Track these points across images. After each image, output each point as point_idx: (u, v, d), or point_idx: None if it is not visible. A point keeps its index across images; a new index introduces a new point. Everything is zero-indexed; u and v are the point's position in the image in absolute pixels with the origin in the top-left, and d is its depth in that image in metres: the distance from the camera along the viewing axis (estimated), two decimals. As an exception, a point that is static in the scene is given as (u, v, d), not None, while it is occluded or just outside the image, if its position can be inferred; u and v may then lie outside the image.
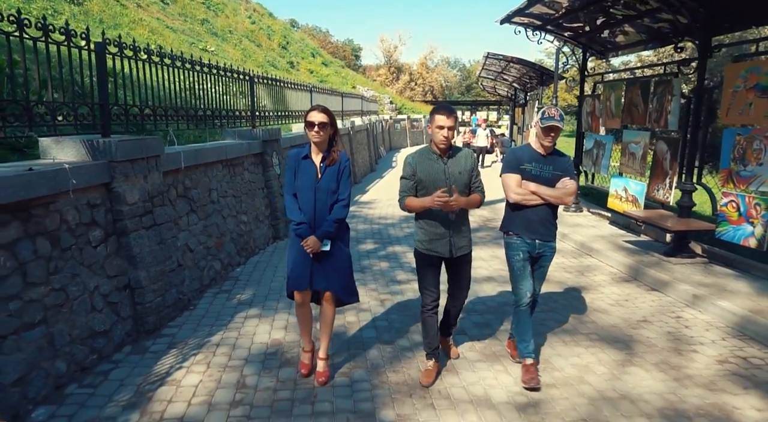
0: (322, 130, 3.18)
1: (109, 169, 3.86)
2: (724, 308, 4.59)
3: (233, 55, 20.96)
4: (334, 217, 3.23)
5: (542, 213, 3.44)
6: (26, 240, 3.14)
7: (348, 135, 14.57)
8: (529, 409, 3.14)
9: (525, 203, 3.42)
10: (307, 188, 3.23)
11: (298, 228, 3.22)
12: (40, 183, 3.20)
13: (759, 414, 3.09)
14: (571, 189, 3.42)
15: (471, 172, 3.33)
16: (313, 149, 3.28)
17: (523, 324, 3.50)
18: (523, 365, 3.47)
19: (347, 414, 3.07)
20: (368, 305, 4.87)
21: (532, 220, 3.44)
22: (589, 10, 7.19)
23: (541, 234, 3.47)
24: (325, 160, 3.25)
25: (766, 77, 4.97)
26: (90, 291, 3.62)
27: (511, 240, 3.53)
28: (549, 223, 3.49)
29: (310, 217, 3.23)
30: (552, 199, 3.40)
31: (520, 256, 3.48)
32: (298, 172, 3.27)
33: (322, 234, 3.19)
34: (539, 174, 3.43)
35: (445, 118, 3.13)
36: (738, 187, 5.36)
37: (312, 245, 3.17)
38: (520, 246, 3.48)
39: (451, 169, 3.25)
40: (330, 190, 3.23)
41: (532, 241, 3.47)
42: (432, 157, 3.28)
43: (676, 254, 6.08)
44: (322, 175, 3.24)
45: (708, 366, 3.71)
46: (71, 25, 8.49)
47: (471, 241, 3.45)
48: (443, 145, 3.21)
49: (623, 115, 7.54)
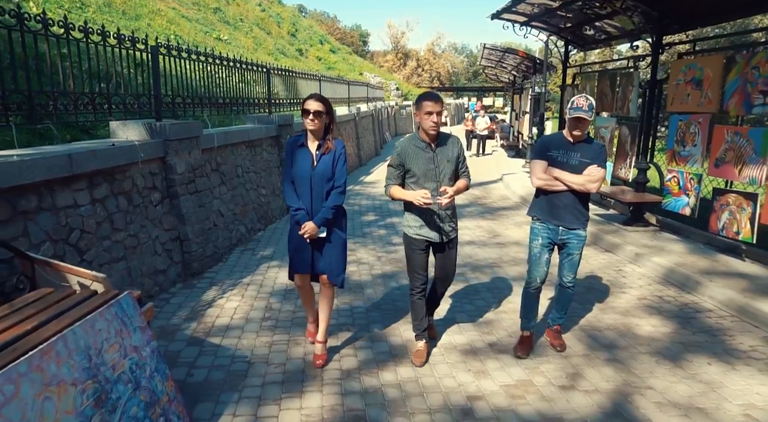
0: (317, 118, 3.19)
1: (164, 146, 4.96)
2: (656, 263, 5.64)
3: (245, 43, 21.84)
4: (331, 204, 3.26)
5: (567, 200, 3.41)
6: (112, 197, 4.25)
7: (354, 120, 15.57)
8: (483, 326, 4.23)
9: (548, 188, 3.43)
10: (303, 175, 3.26)
11: (296, 214, 3.27)
12: (120, 155, 4.30)
13: (652, 328, 4.16)
14: (595, 176, 3.33)
15: (458, 158, 3.37)
16: (309, 137, 3.30)
17: (529, 304, 3.67)
18: (521, 336, 3.74)
19: (348, 326, 4.17)
20: (367, 260, 5.96)
21: (556, 206, 3.45)
22: (567, 9, 8.12)
23: (565, 220, 3.45)
24: (321, 148, 3.27)
25: (700, 72, 5.95)
26: (153, 239, 4.74)
27: (534, 225, 3.59)
28: (576, 210, 3.44)
29: (307, 204, 3.27)
30: (575, 185, 3.35)
31: (539, 242, 3.53)
32: (295, 160, 3.29)
33: (320, 220, 3.24)
34: (566, 161, 3.40)
35: (432, 104, 3.13)
36: (679, 165, 6.37)
37: (310, 231, 3.21)
38: (540, 232, 3.53)
39: (440, 157, 3.28)
40: (326, 176, 3.25)
41: (555, 228, 3.48)
42: (421, 145, 3.28)
43: (632, 223, 7.11)
44: (318, 162, 3.26)
45: (629, 301, 4.77)
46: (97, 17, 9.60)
47: (457, 226, 3.52)
48: (433, 131, 3.20)
49: (596, 103, 8.50)
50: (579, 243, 3.52)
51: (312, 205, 3.27)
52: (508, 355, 3.68)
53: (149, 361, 2.55)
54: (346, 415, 2.94)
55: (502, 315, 4.39)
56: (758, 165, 5.15)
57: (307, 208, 3.27)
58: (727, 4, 5.84)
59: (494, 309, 4.55)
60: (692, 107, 6.11)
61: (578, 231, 3.49)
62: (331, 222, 3.32)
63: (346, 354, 3.68)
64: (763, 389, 3.25)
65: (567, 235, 3.49)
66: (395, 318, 4.32)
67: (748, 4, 5.62)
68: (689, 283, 5.06)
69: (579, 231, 3.49)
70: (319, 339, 3.55)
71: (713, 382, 3.34)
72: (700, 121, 6.01)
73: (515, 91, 20.37)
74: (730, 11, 6.02)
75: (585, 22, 8.53)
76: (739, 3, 5.72)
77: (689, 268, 5.30)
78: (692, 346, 3.85)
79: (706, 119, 5.94)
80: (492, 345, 3.85)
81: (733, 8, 5.91)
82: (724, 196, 5.57)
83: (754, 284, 4.78)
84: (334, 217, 3.30)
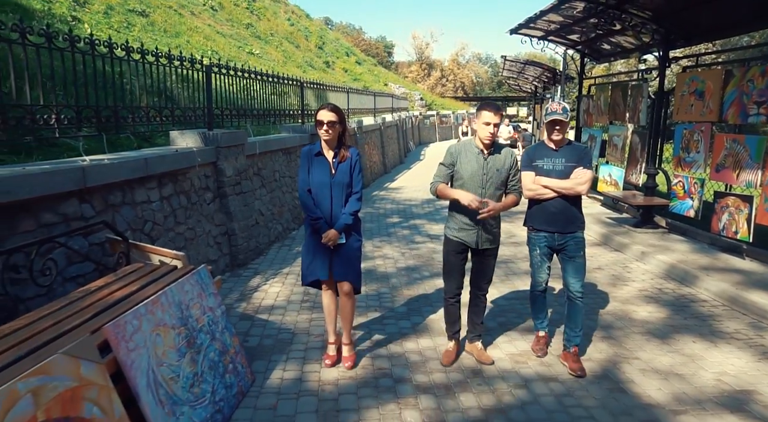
0: (331, 129, 3.28)
1: (216, 152, 5.69)
2: (660, 260, 6.09)
3: (275, 57, 22.83)
4: (351, 210, 3.37)
5: (559, 206, 3.48)
6: (175, 195, 4.98)
7: (380, 130, 16.28)
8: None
9: (539, 198, 3.53)
10: (323, 184, 3.33)
11: (316, 223, 3.35)
12: (182, 160, 5.03)
13: (647, 314, 4.65)
14: (582, 178, 3.43)
15: (510, 169, 3.43)
16: (324, 146, 3.38)
17: (537, 304, 3.83)
18: (536, 335, 3.89)
19: (376, 307, 4.78)
20: (392, 255, 6.58)
21: (550, 213, 3.51)
22: (581, 25, 8.65)
23: (560, 226, 3.52)
24: (337, 156, 3.37)
25: (702, 84, 6.42)
26: (207, 233, 5.46)
27: (530, 235, 3.69)
28: (569, 215, 3.51)
29: (327, 211, 3.35)
30: (564, 190, 3.43)
31: (537, 251, 3.64)
32: (312, 169, 3.36)
33: (341, 226, 3.33)
34: (552, 168, 3.48)
35: (492, 115, 3.26)
36: (684, 170, 6.81)
37: (332, 238, 3.31)
38: (538, 242, 3.62)
39: (491, 164, 3.37)
40: (344, 184, 3.35)
41: (551, 234, 3.55)
42: (474, 150, 3.39)
43: (642, 226, 7.55)
44: (336, 170, 3.35)
45: (630, 292, 5.26)
46: (143, 35, 10.52)
47: (499, 237, 3.56)
48: (488, 141, 3.32)
49: (609, 112, 8.99)
50: (578, 245, 3.54)
51: (332, 211, 3.36)
52: (516, 332, 4.24)
53: (220, 320, 3.22)
54: (375, 372, 3.55)
55: (512, 302, 4.94)
56: (754, 169, 5.59)
57: (327, 215, 3.35)
58: (724, 22, 6.32)
59: (505, 295, 5.10)
60: (695, 116, 6.57)
61: (575, 234, 3.54)
62: (350, 228, 3.41)
63: (375, 328, 4.30)
64: (737, 361, 3.73)
65: (564, 240, 3.54)
66: (417, 301, 4.92)
67: (742, 23, 6.10)
68: (688, 278, 5.52)
69: (576, 234, 3.54)
70: (345, 340, 3.65)
71: (694, 355, 3.83)
72: (703, 129, 6.46)
73: (536, 101, 20.81)
74: (727, 28, 6.52)
75: (599, 37, 9.04)
76: (734, 21, 6.20)
77: (690, 265, 5.75)
78: (681, 328, 4.33)
79: (708, 128, 6.40)
80: (501, 324, 4.41)
81: (729, 26, 6.41)
82: (724, 199, 6.00)
83: (748, 278, 5.21)
84: (353, 223, 3.41)
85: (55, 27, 7.72)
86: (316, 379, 3.46)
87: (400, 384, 3.39)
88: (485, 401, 3.21)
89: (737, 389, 3.35)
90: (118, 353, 2.29)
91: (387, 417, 3.03)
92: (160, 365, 2.53)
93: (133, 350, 2.39)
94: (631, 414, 3.07)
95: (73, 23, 9.72)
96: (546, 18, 8.74)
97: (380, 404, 3.17)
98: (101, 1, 12.88)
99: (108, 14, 12.78)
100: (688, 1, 6.28)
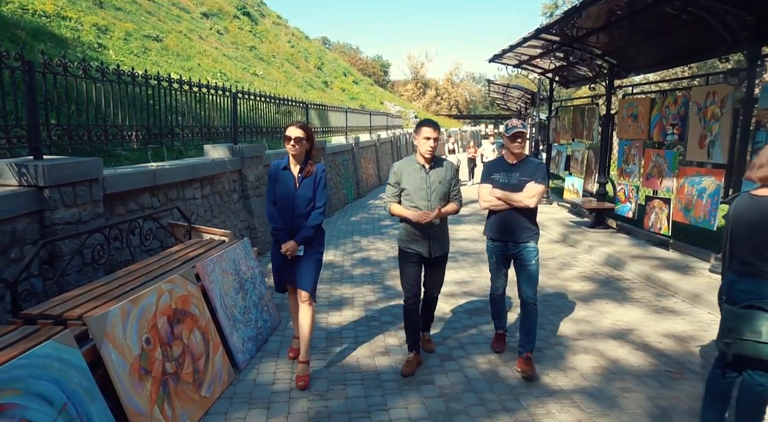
0: (298, 144, 3.38)
1: (242, 161, 7.07)
2: (602, 251, 7.47)
3: (277, 77, 24.34)
4: (312, 223, 3.46)
5: (512, 217, 3.68)
6: (212, 194, 6.34)
7: (375, 146, 17.74)
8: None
9: (494, 209, 3.74)
10: (286, 197, 3.44)
11: (278, 234, 3.51)
12: (217, 167, 6.40)
13: (579, 287, 6.00)
14: (531, 192, 3.61)
15: (450, 181, 3.63)
16: (291, 161, 3.48)
17: (496, 308, 4.15)
18: (496, 333, 4.23)
19: (370, 282, 6.10)
20: (383, 248, 7.91)
21: (504, 224, 3.73)
22: (544, 58, 10.16)
23: (512, 236, 3.72)
24: (303, 171, 3.45)
25: (635, 108, 7.88)
26: (234, 226, 6.80)
27: (487, 243, 3.94)
28: (522, 226, 3.70)
29: (289, 223, 3.47)
30: (514, 202, 3.63)
31: (494, 259, 3.91)
32: (277, 183, 3.47)
33: (300, 239, 3.44)
34: (507, 181, 3.69)
35: (431, 131, 3.49)
36: (625, 179, 8.24)
37: (291, 249, 3.42)
38: (494, 249, 3.87)
39: (432, 178, 3.56)
40: (307, 198, 3.43)
41: (504, 243, 3.78)
42: (416, 166, 3.58)
43: (595, 226, 8.95)
44: (300, 184, 3.44)
45: (572, 274, 6.61)
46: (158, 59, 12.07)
47: (448, 244, 3.81)
48: (429, 155, 3.51)
49: (572, 131, 10.45)
50: (530, 254, 3.72)
51: (294, 223, 3.46)
52: (476, 297, 5.57)
53: (258, 276, 4.56)
54: (370, 324, 4.88)
55: (477, 280, 6.29)
56: (671, 178, 7.01)
57: (289, 227, 3.47)
58: (654, 60, 7.84)
59: (472, 274, 6.45)
60: (632, 135, 8.02)
61: (527, 244, 3.72)
62: (311, 240, 3.52)
63: (368, 293, 5.63)
64: (633, 314, 5.08)
65: (517, 249, 3.74)
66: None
67: (667, 60, 7.60)
68: (619, 264, 6.89)
69: (528, 244, 3.72)
70: (302, 358, 3.61)
71: (603, 311, 5.18)
72: (637, 145, 7.91)
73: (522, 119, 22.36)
74: (657, 64, 8.02)
75: (563, 67, 10.55)
76: (662, 59, 7.72)
77: (623, 255, 7.13)
78: (602, 295, 5.69)
79: (641, 144, 7.84)
80: (467, 293, 5.75)
81: (658, 62, 7.94)
82: (652, 202, 7.40)
83: (664, 263, 6.59)
84: (313, 235, 3.51)
85: (85, 53, 9.15)
86: (325, 322, 4.79)
87: (386, 325, 4.73)
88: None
89: (624, 329, 4.70)
90: (204, 281, 3.63)
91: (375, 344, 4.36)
92: (226, 295, 3.87)
93: (212, 282, 3.73)
94: (545, 340, 4.41)
95: (99, 49, 11.14)
96: (516, 50, 10.26)
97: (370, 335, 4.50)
98: (120, 29, 14.28)
99: (127, 40, 14.17)
100: (626, 42, 7.77)
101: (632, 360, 4.06)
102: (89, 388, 2.34)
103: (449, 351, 4.19)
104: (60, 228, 3.73)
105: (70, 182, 3.85)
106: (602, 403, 3.39)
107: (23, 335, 2.45)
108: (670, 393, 3.53)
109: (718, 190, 6.06)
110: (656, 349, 4.26)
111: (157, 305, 3.02)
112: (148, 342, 2.85)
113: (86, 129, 4.45)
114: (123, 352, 2.63)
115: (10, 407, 1.94)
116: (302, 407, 3.30)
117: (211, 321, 3.54)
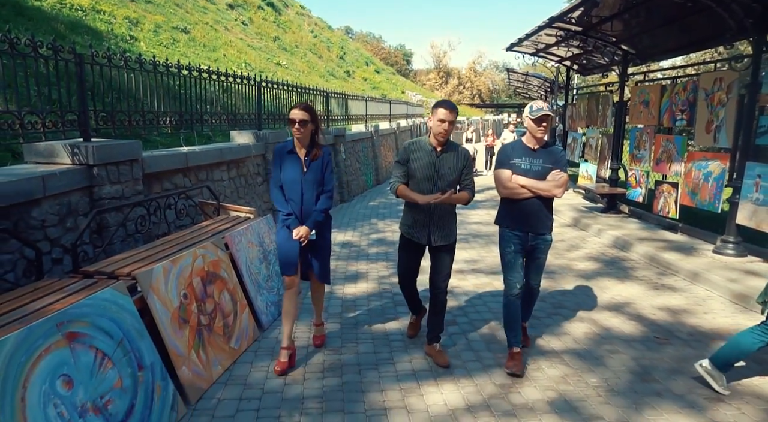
0: (302, 127, 3.28)
1: (265, 146, 7.52)
2: (611, 234, 7.70)
3: (300, 67, 24.78)
4: (322, 207, 3.40)
5: (534, 206, 3.44)
6: (238, 177, 6.81)
7: (394, 134, 18.07)
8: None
9: (514, 197, 3.46)
10: (294, 181, 3.34)
11: (287, 220, 3.37)
12: (243, 151, 6.86)
13: (584, 266, 6.28)
14: (560, 181, 3.39)
15: (462, 169, 3.43)
16: (296, 144, 3.39)
17: (513, 313, 3.56)
18: (510, 352, 3.56)
19: (384, 260, 6.50)
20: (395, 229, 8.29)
21: (523, 213, 3.46)
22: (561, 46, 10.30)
23: (533, 226, 3.48)
24: (309, 155, 3.37)
25: (647, 95, 8.03)
26: (258, 207, 7.27)
27: (504, 232, 3.58)
28: (542, 216, 3.48)
29: (297, 208, 3.36)
30: (541, 191, 3.39)
31: (512, 248, 3.53)
32: (284, 166, 3.37)
33: (312, 223, 3.35)
34: (529, 168, 3.43)
35: (447, 113, 3.27)
36: (636, 165, 8.41)
37: (304, 234, 3.33)
38: (511, 239, 3.52)
39: (442, 163, 3.37)
40: (316, 181, 3.36)
41: (524, 234, 3.50)
42: (427, 148, 3.40)
43: (607, 211, 9.16)
44: (308, 168, 3.35)
45: (579, 255, 6.89)
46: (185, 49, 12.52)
47: (454, 234, 3.57)
48: (442, 138, 3.33)
49: (587, 118, 10.61)
50: (546, 246, 3.57)
51: (302, 208, 3.37)
52: (483, 274, 5.91)
53: (280, 249, 4.99)
54: (383, 294, 5.28)
55: (486, 258, 6.62)
56: (679, 162, 7.19)
57: (297, 212, 3.37)
58: (668, 46, 7.97)
59: (482, 253, 6.79)
60: (644, 121, 8.18)
61: (545, 236, 3.54)
62: (321, 225, 3.46)
63: (382, 269, 6.03)
64: (632, 290, 5.36)
65: (536, 240, 3.52)
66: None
67: (676, 49, 7.73)
68: (626, 246, 7.13)
69: (546, 236, 3.54)
70: (316, 321, 3.90)
71: (605, 287, 5.47)
72: (648, 131, 8.07)
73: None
74: (670, 51, 8.14)
75: (579, 55, 10.67)
76: (674, 46, 7.85)
77: (631, 237, 7.36)
78: (605, 273, 5.97)
79: (651, 130, 8.00)
80: (476, 270, 6.10)
81: (671, 50, 8.05)
82: (661, 186, 7.59)
83: (669, 245, 6.81)
84: (323, 220, 3.46)
85: (118, 45, 9.69)
86: (341, 293, 5.21)
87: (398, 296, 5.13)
88: (451, 304, 4.91)
89: (621, 302, 4.99)
90: (232, 250, 4.08)
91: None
92: (251, 263, 4.32)
93: (239, 251, 4.18)
94: (543, 310, 4.74)
95: (131, 41, 11.71)
96: (532, 39, 10.42)
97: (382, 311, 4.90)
98: (150, 21, 14.85)
99: (157, 32, 14.73)
100: (641, 29, 7.91)
101: (624, 328, 4.37)
102: (139, 329, 2.79)
103: (453, 318, 4.56)
104: (107, 202, 4.21)
105: (115, 161, 4.32)
106: (589, 362, 3.73)
107: (84, 286, 2.91)
108: (654, 355, 3.85)
109: (723, 173, 6.24)
110: (648, 319, 4.56)
111: (192, 266, 3.47)
112: (186, 297, 3.30)
113: (127, 115, 4.92)
114: (165, 303, 3.09)
115: (82, 336, 2.40)
116: (318, 360, 3.73)
117: (238, 285, 3.99)
